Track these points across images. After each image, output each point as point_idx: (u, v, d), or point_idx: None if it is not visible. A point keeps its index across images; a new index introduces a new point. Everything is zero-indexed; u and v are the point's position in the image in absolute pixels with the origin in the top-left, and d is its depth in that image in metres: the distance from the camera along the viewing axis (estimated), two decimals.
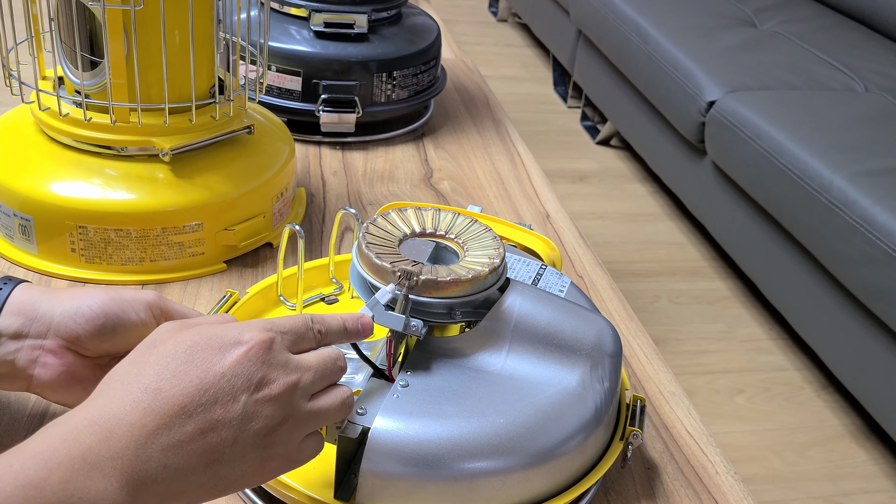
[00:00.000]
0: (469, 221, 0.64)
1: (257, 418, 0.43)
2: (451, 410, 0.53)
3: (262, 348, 0.44)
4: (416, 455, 0.52)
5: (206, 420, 0.42)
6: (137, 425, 0.40)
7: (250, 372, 0.43)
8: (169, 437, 0.41)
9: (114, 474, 0.39)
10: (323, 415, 0.47)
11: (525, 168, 1.09)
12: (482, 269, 0.58)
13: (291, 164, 0.85)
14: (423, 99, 1.12)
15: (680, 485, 0.64)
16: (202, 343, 0.44)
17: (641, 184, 2.55)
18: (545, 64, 3.35)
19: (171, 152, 0.73)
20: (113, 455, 0.39)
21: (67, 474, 0.38)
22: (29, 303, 0.53)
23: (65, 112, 0.73)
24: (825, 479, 1.60)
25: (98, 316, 0.52)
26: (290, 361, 0.46)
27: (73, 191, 0.72)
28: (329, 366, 0.48)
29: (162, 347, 0.44)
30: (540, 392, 0.56)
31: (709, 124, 1.92)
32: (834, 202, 1.54)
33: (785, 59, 2.07)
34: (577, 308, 0.62)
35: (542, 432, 0.54)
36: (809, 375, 1.86)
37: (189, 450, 0.41)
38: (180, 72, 0.74)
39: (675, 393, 0.74)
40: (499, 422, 0.53)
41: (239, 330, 0.45)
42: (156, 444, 0.40)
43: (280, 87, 1.03)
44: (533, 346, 0.58)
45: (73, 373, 0.53)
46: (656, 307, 2.02)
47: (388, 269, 0.56)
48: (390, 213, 0.63)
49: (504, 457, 0.53)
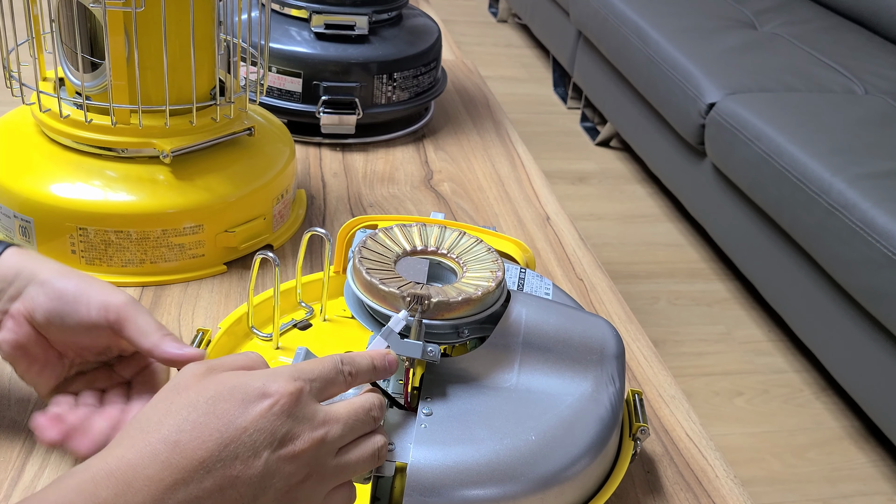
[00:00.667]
0: (458, 235, 0.63)
1: (279, 476, 0.42)
2: (482, 434, 0.52)
3: (289, 402, 0.42)
4: (458, 484, 0.50)
5: (225, 476, 0.40)
6: (155, 479, 0.39)
7: (274, 427, 0.42)
8: (186, 493, 0.39)
9: None
10: (350, 468, 0.45)
11: (525, 170, 1.09)
12: (489, 285, 0.57)
13: (292, 166, 0.85)
14: (423, 100, 1.12)
15: (680, 488, 0.64)
16: (225, 393, 0.42)
17: (641, 185, 2.55)
18: (545, 65, 3.35)
19: (171, 154, 0.73)
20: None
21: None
22: (13, 267, 0.53)
23: (65, 114, 0.73)
24: (824, 482, 1.61)
25: (54, 298, 0.52)
26: (318, 414, 0.44)
27: (74, 192, 0.72)
28: (360, 417, 0.46)
29: (185, 395, 0.42)
30: (560, 402, 0.56)
31: (709, 126, 1.92)
32: (834, 205, 1.55)
33: (785, 62, 2.07)
34: (579, 312, 0.62)
35: (572, 443, 0.54)
36: (808, 378, 1.86)
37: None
38: (181, 73, 0.74)
39: (675, 396, 0.74)
40: (531, 439, 0.53)
41: (265, 380, 0.43)
42: (173, 499, 0.39)
43: (280, 88, 1.03)
44: (544, 357, 0.58)
45: (22, 344, 0.53)
46: (655, 308, 2.02)
47: (397, 294, 0.55)
48: (378, 234, 0.61)
49: (541, 473, 0.52)
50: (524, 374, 0.57)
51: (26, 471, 0.56)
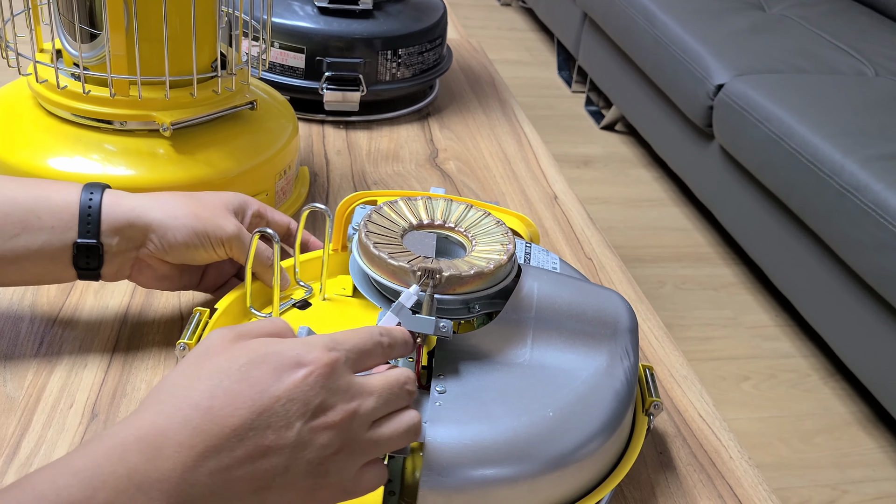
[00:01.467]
0: (465, 208, 0.61)
1: (311, 447, 0.41)
2: (499, 411, 0.51)
3: (324, 372, 0.41)
4: (477, 463, 0.49)
5: (257, 446, 0.39)
6: (186, 446, 0.38)
7: (307, 397, 0.40)
8: (217, 462, 0.38)
9: (160, 497, 0.37)
10: (384, 443, 0.44)
11: (532, 149, 1.07)
12: (501, 258, 0.56)
13: (295, 142, 0.83)
14: (428, 78, 1.09)
15: (693, 469, 0.62)
16: (258, 360, 0.41)
17: (646, 169, 2.53)
18: (549, 48, 3.32)
19: (171, 127, 0.71)
20: (160, 477, 0.37)
21: (112, 495, 0.36)
22: (123, 219, 0.59)
23: (63, 85, 0.71)
24: (832, 467, 1.59)
25: (180, 244, 0.60)
26: (353, 385, 0.43)
27: (72, 166, 0.71)
28: (395, 390, 0.45)
29: (215, 361, 0.41)
30: (575, 378, 0.54)
31: (717, 108, 1.90)
32: (845, 186, 1.52)
33: (794, 43, 2.04)
34: (590, 285, 0.60)
35: (589, 419, 0.53)
36: (816, 363, 1.84)
37: (237, 476, 0.39)
38: (181, 44, 0.72)
39: (687, 377, 0.72)
40: (548, 415, 0.51)
41: (300, 349, 0.42)
42: (204, 467, 0.38)
43: (283, 64, 1.01)
44: (557, 331, 0.56)
45: (161, 275, 0.62)
46: (661, 293, 2.00)
47: (408, 269, 0.53)
48: (383, 208, 0.59)
49: (560, 449, 0.51)
50: (537, 350, 0.55)
51: (22, 448, 0.55)
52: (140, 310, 0.68)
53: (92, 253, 0.58)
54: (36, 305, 0.67)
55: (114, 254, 0.59)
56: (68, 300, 0.68)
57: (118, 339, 0.65)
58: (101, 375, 0.61)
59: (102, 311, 0.67)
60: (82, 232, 0.58)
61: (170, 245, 0.60)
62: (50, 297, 0.68)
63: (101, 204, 0.58)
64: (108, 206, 0.59)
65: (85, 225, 0.58)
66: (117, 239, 0.59)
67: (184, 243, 0.60)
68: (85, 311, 0.67)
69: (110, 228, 0.59)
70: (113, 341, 0.65)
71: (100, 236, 0.58)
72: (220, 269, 0.67)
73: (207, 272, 0.67)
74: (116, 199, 0.59)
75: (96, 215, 0.58)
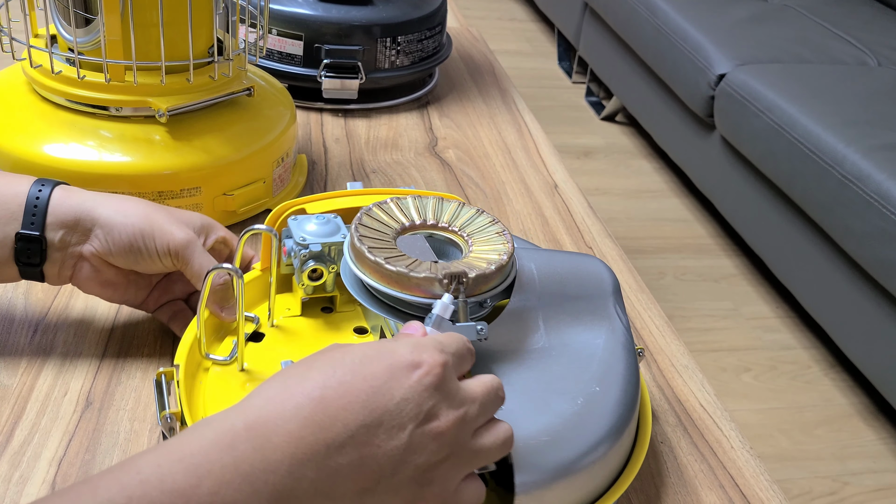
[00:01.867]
0: (456, 205, 0.60)
1: (421, 451, 0.39)
2: (555, 399, 0.51)
3: (439, 375, 0.40)
4: (560, 454, 0.48)
5: (367, 444, 0.38)
6: (296, 436, 0.37)
7: (421, 399, 0.39)
8: (326, 456, 0.37)
9: (265, 490, 0.36)
10: (484, 453, 0.43)
11: (532, 138, 1.06)
12: (507, 247, 0.55)
13: (293, 129, 0.83)
14: (427, 66, 1.08)
15: (694, 459, 0.62)
16: (373, 356, 0.40)
17: (647, 160, 2.52)
18: (549, 39, 3.31)
19: (167, 113, 0.70)
20: (266, 468, 0.36)
21: (217, 485, 0.35)
22: (70, 213, 0.56)
23: (57, 70, 0.70)
24: (832, 459, 1.59)
25: (120, 242, 0.56)
26: (459, 391, 0.41)
27: (67, 152, 0.70)
28: (491, 397, 0.43)
29: (330, 354, 0.40)
30: (595, 349, 0.55)
31: (718, 98, 1.89)
32: (847, 176, 1.52)
33: (796, 33, 2.03)
34: (571, 254, 0.61)
35: (622, 385, 0.53)
36: (817, 354, 1.84)
37: (344, 474, 0.37)
38: (177, 29, 0.71)
39: (689, 366, 0.72)
40: (596, 390, 0.52)
41: (412, 349, 0.41)
42: (312, 462, 0.37)
43: (281, 51, 1.00)
44: (562, 307, 0.56)
45: (104, 280, 0.58)
46: (662, 284, 1.99)
47: (435, 277, 0.51)
48: (363, 217, 0.56)
49: (618, 418, 0.52)
50: (551, 331, 0.55)
51: (15, 436, 0.54)
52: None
53: (34, 247, 0.56)
54: (30, 294, 0.66)
55: (56, 249, 0.56)
56: (62, 290, 0.67)
57: (113, 327, 0.64)
58: (95, 363, 0.61)
59: (96, 302, 0.67)
60: (26, 223, 0.55)
61: (114, 243, 0.56)
62: (44, 286, 0.67)
63: (49, 197, 0.56)
64: (57, 199, 0.56)
65: (30, 216, 0.55)
66: (62, 233, 0.56)
67: (128, 244, 0.56)
68: (80, 300, 0.66)
69: (56, 221, 0.56)
70: (108, 329, 0.64)
71: (44, 230, 0.56)
72: (168, 290, 0.62)
73: (154, 291, 0.62)
74: (67, 193, 0.57)
75: (43, 207, 0.55)
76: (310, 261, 0.60)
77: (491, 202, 0.90)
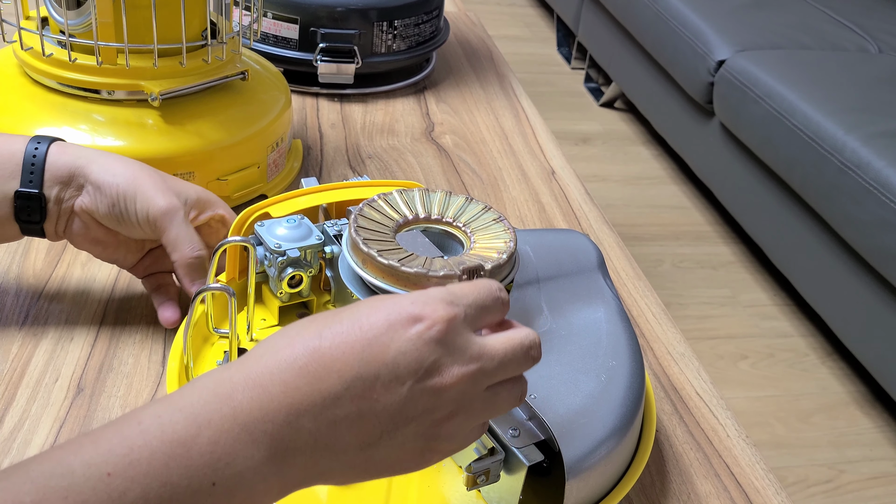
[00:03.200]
0: (463, 200, 0.58)
1: (423, 409, 0.38)
2: (582, 379, 0.51)
3: (442, 329, 0.38)
4: (598, 433, 0.48)
5: (364, 397, 0.37)
6: (292, 386, 0.36)
7: (421, 354, 0.37)
8: (323, 408, 0.36)
9: (264, 440, 0.36)
10: (496, 408, 0.41)
11: (530, 124, 1.05)
12: (510, 234, 0.55)
13: (287, 114, 0.82)
14: (424, 50, 1.08)
15: (689, 448, 0.61)
16: (373, 308, 0.38)
17: (645, 146, 2.51)
18: (548, 24, 3.29)
19: (160, 97, 0.69)
20: (264, 418, 0.36)
21: (216, 434, 0.35)
22: (65, 169, 0.56)
23: (48, 53, 0.69)
24: (829, 446, 1.59)
25: (106, 201, 0.56)
26: (471, 346, 0.39)
27: (59, 136, 0.69)
28: (518, 356, 0.41)
29: (335, 309, 0.40)
30: (600, 322, 0.55)
31: (718, 84, 1.88)
32: (847, 164, 1.51)
33: (796, 19, 2.02)
34: (556, 232, 0.61)
35: (631, 350, 0.54)
36: (814, 342, 1.83)
37: (343, 426, 0.37)
38: (170, 11, 0.70)
39: (685, 354, 0.71)
40: (613, 364, 0.52)
41: (414, 301, 0.39)
42: (309, 413, 0.36)
43: (276, 35, 0.99)
44: (560, 285, 0.56)
45: (94, 238, 0.59)
46: (659, 271, 1.99)
47: (455, 274, 0.50)
48: (363, 208, 0.55)
49: (637, 388, 0.52)
50: (554, 312, 0.55)
51: (5, 423, 0.54)
52: (128, 283, 0.67)
53: (33, 205, 0.56)
54: (21, 278, 0.66)
55: (54, 204, 0.57)
56: (55, 272, 0.67)
57: (105, 313, 0.64)
58: (87, 349, 0.60)
59: (90, 283, 0.66)
60: (24, 181, 0.56)
61: (100, 202, 0.56)
62: (36, 270, 0.67)
63: (46, 154, 0.56)
64: (54, 155, 0.56)
65: (28, 174, 0.56)
66: (57, 189, 0.57)
67: (109, 205, 0.56)
68: (72, 283, 0.66)
69: (52, 178, 0.56)
70: (100, 315, 0.63)
71: (42, 187, 0.56)
72: (159, 260, 0.62)
73: (146, 258, 0.62)
74: (62, 148, 0.57)
75: (41, 164, 0.56)
76: (288, 267, 0.58)
77: (488, 188, 0.89)
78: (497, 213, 0.58)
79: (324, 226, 0.61)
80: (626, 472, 0.53)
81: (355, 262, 0.53)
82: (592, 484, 0.49)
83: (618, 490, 0.51)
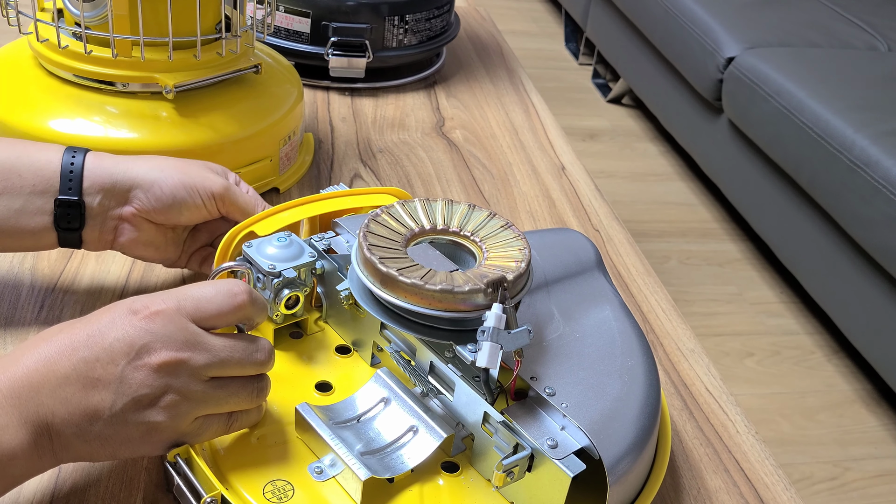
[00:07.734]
0: (466, 207, 0.57)
1: (134, 384, 0.43)
2: (606, 382, 0.50)
3: (150, 316, 0.44)
4: (630, 435, 0.49)
5: (87, 377, 0.43)
6: (31, 368, 0.42)
7: (132, 338, 0.43)
8: (57, 386, 0.42)
9: (12, 412, 0.41)
10: (222, 401, 0.46)
11: (540, 119, 1.05)
12: (523, 242, 0.53)
13: (300, 107, 0.82)
14: (435, 45, 1.08)
15: (699, 443, 0.61)
16: (107, 308, 0.45)
17: (653, 143, 2.51)
18: (557, 19, 3.29)
19: (174, 89, 0.70)
20: (11, 393, 0.42)
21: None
22: (106, 177, 0.58)
23: (64, 44, 0.70)
24: (834, 444, 1.59)
25: (168, 197, 0.58)
26: (186, 335, 0.44)
27: (73, 128, 0.69)
28: (236, 354, 0.46)
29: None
30: (608, 320, 0.55)
31: (727, 81, 1.87)
32: (856, 162, 1.51)
33: (806, 17, 2.02)
34: (555, 231, 0.61)
35: (641, 345, 0.54)
36: (820, 340, 1.84)
37: (74, 402, 0.42)
38: (185, 4, 0.70)
39: (695, 350, 0.71)
40: (631, 363, 0.53)
41: (137, 299, 0.45)
42: (45, 389, 0.42)
43: (288, 28, 0.99)
44: (567, 287, 0.56)
45: (146, 240, 0.60)
46: (666, 268, 1.99)
47: (480, 288, 0.48)
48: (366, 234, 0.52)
49: (654, 382, 0.53)
50: (564, 315, 0.55)
51: None
52: (142, 275, 0.67)
53: (73, 212, 0.57)
54: (36, 270, 0.66)
55: (96, 214, 0.58)
56: (69, 265, 0.67)
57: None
58: None
59: (104, 276, 0.67)
60: (64, 189, 0.56)
61: (157, 198, 0.58)
62: (51, 262, 0.67)
63: (83, 164, 0.57)
64: (91, 165, 0.57)
65: (67, 182, 0.57)
66: (100, 197, 0.57)
67: (171, 195, 0.58)
68: (86, 276, 0.66)
69: (93, 186, 0.57)
70: None
71: (82, 195, 0.57)
72: (195, 240, 0.64)
73: (183, 246, 0.64)
74: (99, 159, 0.58)
75: (79, 173, 0.57)
76: (284, 289, 0.55)
77: (498, 183, 0.90)
78: (504, 220, 0.56)
79: (311, 240, 0.59)
80: (652, 470, 0.53)
81: (372, 283, 0.51)
82: (628, 486, 0.49)
83: (648, 489, 0.51)
